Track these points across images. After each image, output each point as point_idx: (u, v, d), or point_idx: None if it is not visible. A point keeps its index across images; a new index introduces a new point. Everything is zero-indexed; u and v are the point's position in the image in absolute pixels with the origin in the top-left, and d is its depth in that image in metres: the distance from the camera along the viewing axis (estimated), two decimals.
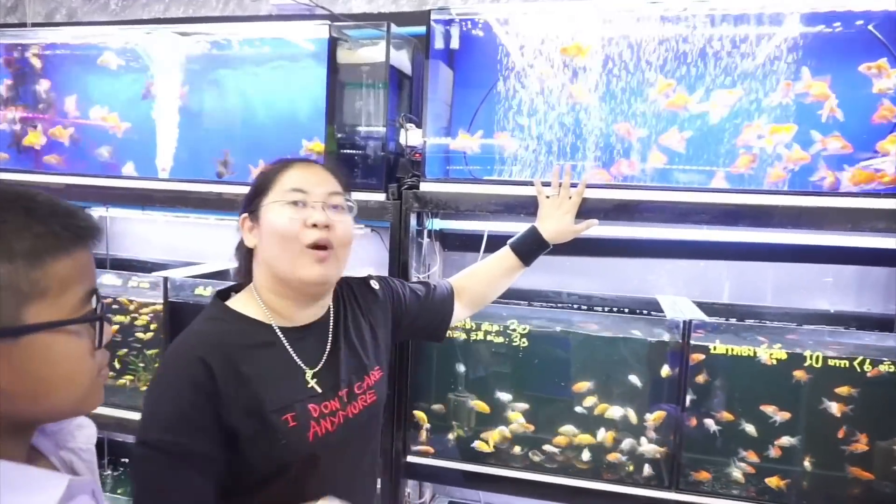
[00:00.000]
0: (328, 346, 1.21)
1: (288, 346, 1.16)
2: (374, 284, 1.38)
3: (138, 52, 2.25)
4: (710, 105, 1.75)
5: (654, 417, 1.76)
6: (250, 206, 1.18)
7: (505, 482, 1.86)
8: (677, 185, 1.77)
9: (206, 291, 2.11)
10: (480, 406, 1.87)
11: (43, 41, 2.39)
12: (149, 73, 2.22)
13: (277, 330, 1.16)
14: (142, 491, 1.03)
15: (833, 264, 2.02)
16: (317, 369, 1.17)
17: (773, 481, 1.69)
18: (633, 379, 1.78)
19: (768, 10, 1.69)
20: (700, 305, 1.97)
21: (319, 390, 1.15)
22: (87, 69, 2.31)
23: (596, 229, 2.08)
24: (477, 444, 1.88)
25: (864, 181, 1.66)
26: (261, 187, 1.17)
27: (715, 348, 1.71)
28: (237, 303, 1.19)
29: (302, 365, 1.16)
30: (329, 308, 1.25)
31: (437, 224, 2.11)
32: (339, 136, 1.96)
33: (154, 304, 2.17)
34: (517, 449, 1.86)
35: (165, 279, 2.13)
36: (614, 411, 1.79)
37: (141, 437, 1.03)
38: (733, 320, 2.01)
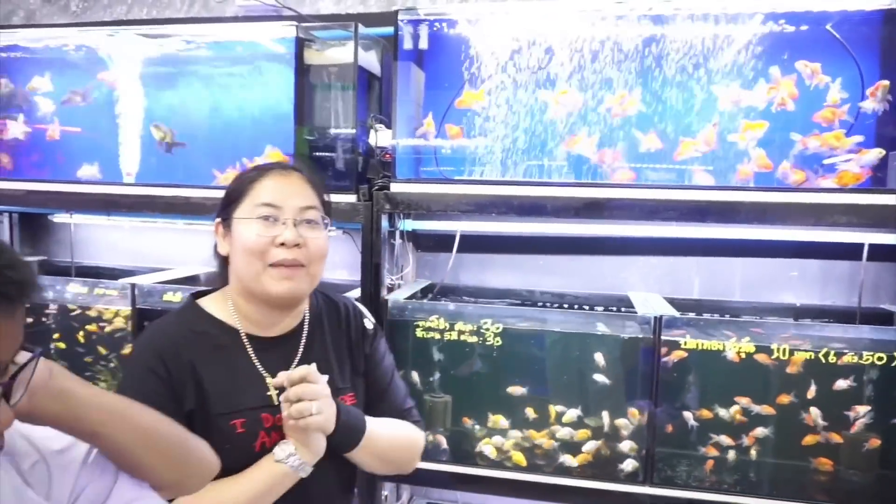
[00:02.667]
0: (296, 360, 1.19)
1: (252, 354, 1.16)
2: (368, 324, 1.32)
3: (99, 55, 2.20)
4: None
5: (630, 413, 1.78)
6: (223, 212, 1.17)
7: (482, 482, 1.86)
8: (646, 182, 1.80)
9: (175, 297, 2.07)
10: (496, 420, 1.85)
11: None
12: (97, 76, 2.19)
13: (244, 336, 1.16)
14: None
15: (798, 259, 2.06)
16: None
17: (745, 472, 1.72)
18: (607, 375, 1.79)
19: (730, 10, 1.72)
20: (671, 301, 2.00)
21: (277, 402, 1.13)
22: (44, 71, 2.26)
23: (567, 227, 2.11)
24: (486, 449, 1.86)
25: (852, 181, 1.69)
26: (234, 195, 1.16)
27: (686, 343, 1.74)
28: (209, 303, 1.19)
29: (264, 374, 1.15)
30: (304, 320, 1.24)
31: (410, 225, 2.11)
32: (309, 137, 1.94)
33: (120, 310, 2.13)
34: (494, 449, 1.86)
35: (133, 286, 2.09)
36: (588, 408, 1.80)
37: None
38: (706, 315, 2.04)
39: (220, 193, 1.95)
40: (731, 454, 1.72)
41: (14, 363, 0.62)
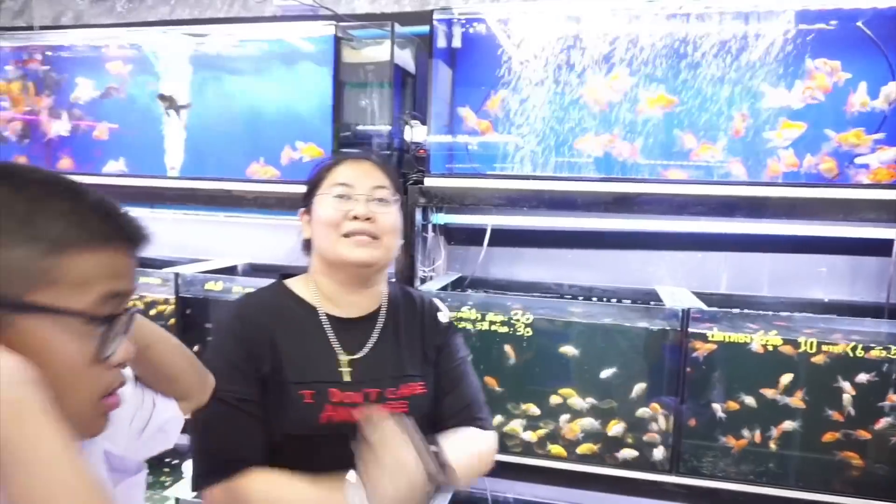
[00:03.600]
0: (371, 342, 1.25)
1: (329, 331, 1.23)
2: (442, 317, 1.36)
3: (145, 54, 2.30)
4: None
5: (656, 405, 1.82)
6: (305, 201, 1.28)
7: (511, 468, 1.89)
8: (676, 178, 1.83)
9: (216, 286, 2.16)
10: (525, 408, 1.90)
11: (50, 44, 2.45)
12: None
13: (323, 315, 1.24)
14: (203, 439, 1.14)
15: (827, 255, 2.07)
16: (353, 358, 1.22)
17: (772, 464, 1.75)
18: (635, 367, 1.83)
19: (761, 8, 1.74)
20: (699, 296, 2.02)
21: (348, 379, 1.20)
22: (92, 70, 2.36)
23: (596, 222, 2.15)
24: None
25: (886, 178, 1.71)
26: (313, 183, 1.27)
27: (713, 336, 1.77)
28: (294, 283, 1.30)
29: (338, 350, 1.22)
30: (381, 306, 1.30)
31: (442, 219, 2.16)
32: (345, 133, 2.00)
33: (164, 299, 2.22)
34: (523, 437, 1.91)
35: (176, 275, 2.18)
36: (615, 399, 1.84)
37: None
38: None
39: (260, 187, 2.05)
40: (758, 446, 1.75)
41: None
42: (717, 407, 1.77)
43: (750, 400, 1.74)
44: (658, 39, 1.82)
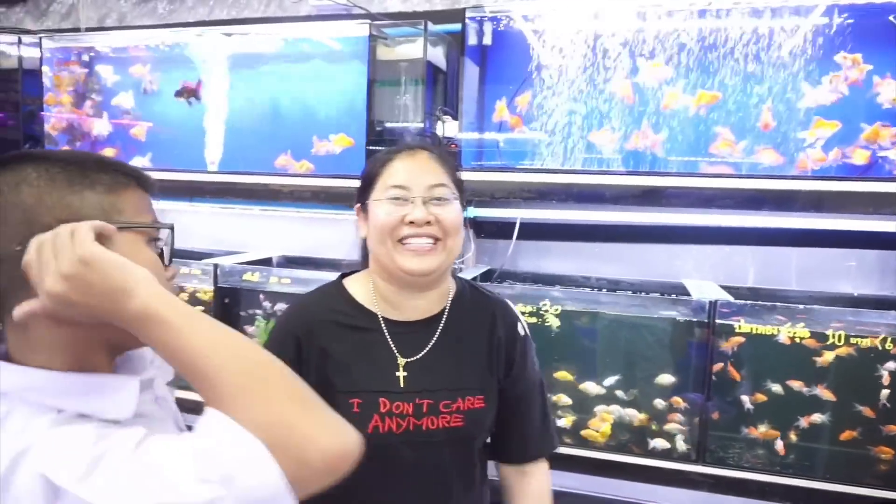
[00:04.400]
0: (430, 345, 1.18)
1: (387, 336, 1.17)
2: (521, 330, 1.26)
3: (186, 54, 2.40)
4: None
5: (681, 396, 1.85)
6: (361, 197, 1.22)
7: None
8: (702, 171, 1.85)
9: (253, 277, 2.24)
10: (557, 399, 1.94)
11: (96, 45, 2.56)
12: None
13: (381, 320, 1.18)
14: None
15: (856, 249, 2.07)
16: (410, 360, 1.16)
17: (800, 456, 1.77)
18: (663, 358, 1.86)
19: (791, 3, 1.76)
20: (725, 289, 2.04)
21: (401, 385, 1.14)
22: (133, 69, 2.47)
23: (623, 215, 2.18)
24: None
25: None
26: (368, 179, 1.20)
27: (740, 328, 1.79)
28: (353, 284, 1.24)
29: (396, 354, 1.16)
30: (445, 310, 1.22)
31: (471, 212, 2.21)
32: (379, 128, 2.07)
33: (203, 290, 2.31)
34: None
35: (216, 266, 2.27)
36: (641, 389, 1.88)
37: None
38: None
39: (296, 180, 2.11)
40: (786, 437, 1.77)
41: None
42: (744, 399, 1.79)
43: (777, 390, 1.76)
44: (688, 34, 1.84)
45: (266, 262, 2.54)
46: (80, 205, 0.76)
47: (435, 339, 1.18)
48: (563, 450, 1.92)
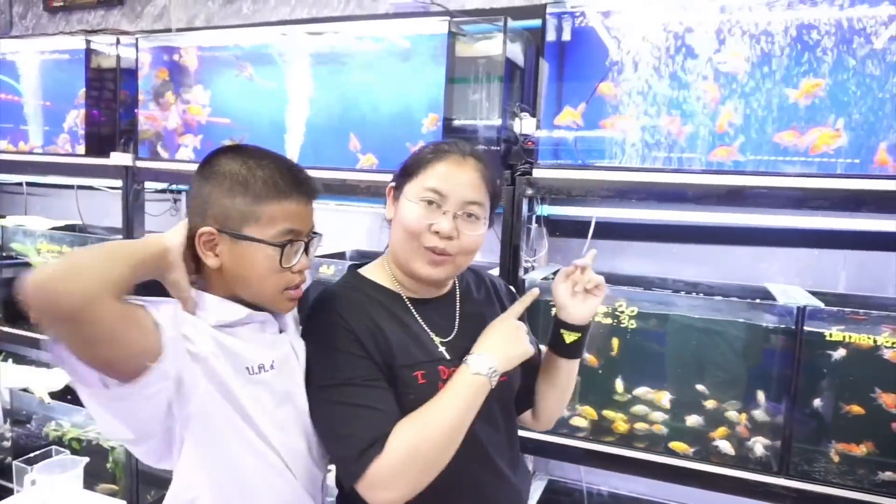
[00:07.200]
0: (457, 319, 1.29)
1: (418, 316, 1.25)
2: (512, 288, 1.47)
3: (269, 52, 2.47)
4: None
5: (765, 404, 1.77)
6: (397, 181, 1.24)
7: (609, 459, 1.91)
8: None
9: (328, 270, 2.30)
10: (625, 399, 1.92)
11: (186, 44, 2.67)
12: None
13: (407, 300, 1.25)
14: (342, 425, 1.11)
15: None
16: (445, 340, 1.25)
17: (888, 473, 1.67)
18: (745, 364, 1.79)
19: None
20: (814, 295, 1.95)
21: (448, 356, 1.22)
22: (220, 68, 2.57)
23: (702, 216, 2.11)
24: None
25: None
26: (409, 169, 1.22)
27: (830, 336, 1.70)
28: (370, 272, 1.29)
29: (431, 333, 1.24)
30: (454, 285, 1.33)
31: (546, 210, 2.20)
32: (456, 125, 2.08)
33: None
34: (622, 427, 1.92)
35: None
36: (723, 396, 1.81)
37: (321, 382, 1.16)
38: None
39: (372, 176, 2.14)
40: (876, 453, 1.68)
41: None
42: (833, 410, 1.71)
43: (872, 403, 1.67)
44: (773, 28, 1.76)
45: (339, 255, 2.61)
46: (229, 207, 1.05)
47: (458, 313, 1.31)
48: (632, 453, 1.88)
